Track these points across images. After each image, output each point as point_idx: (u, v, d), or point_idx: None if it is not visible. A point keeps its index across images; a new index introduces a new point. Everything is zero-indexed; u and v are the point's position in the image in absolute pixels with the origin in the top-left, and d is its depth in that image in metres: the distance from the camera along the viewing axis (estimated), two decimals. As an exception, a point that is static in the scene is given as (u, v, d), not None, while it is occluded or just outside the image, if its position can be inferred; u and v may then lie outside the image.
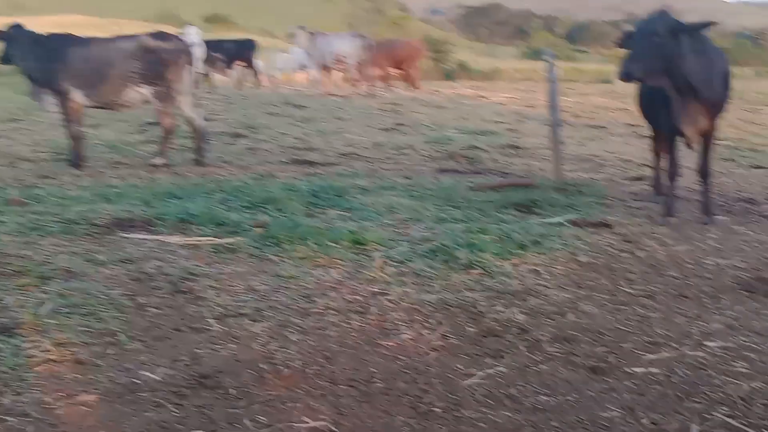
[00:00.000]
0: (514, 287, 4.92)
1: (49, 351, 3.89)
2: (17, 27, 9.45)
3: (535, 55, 76.05)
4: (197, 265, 5.29)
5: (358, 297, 4.75)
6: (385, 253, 5.57)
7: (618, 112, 18.25)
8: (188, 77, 9.57)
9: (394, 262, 5.36)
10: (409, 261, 5.37)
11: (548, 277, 5.18)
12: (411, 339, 4.19)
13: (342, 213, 6.83)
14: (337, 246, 5.68)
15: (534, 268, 5.34)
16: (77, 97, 9.33)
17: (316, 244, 5.69)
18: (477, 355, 4.02)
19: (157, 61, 9.28)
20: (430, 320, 4.42)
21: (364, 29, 53.22)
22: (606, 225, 6.48)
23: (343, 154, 10.75)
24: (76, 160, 9.36)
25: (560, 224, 6.46)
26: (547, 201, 7.31)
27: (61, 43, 9.38)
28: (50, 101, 9.46)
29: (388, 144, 11.60)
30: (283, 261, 5.41)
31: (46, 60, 9.21)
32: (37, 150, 10.97)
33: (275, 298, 4.70)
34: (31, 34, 9.42)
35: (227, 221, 6.31)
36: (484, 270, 5.20)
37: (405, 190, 7.94)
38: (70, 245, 5.73)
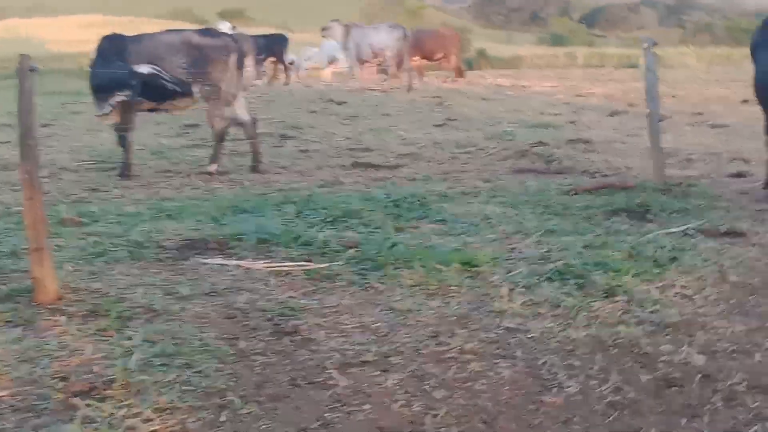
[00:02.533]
0: (673, 318, 4.19)
1: (151, 420, 3.21)
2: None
3: (557, 40, 75.18)
4: (294, 297, 4.60)
5: (493, 335, 4.05)
6: (504, 276, 4.86)
7: (669, 99, 17.42)
8: (239, 77, 8.88)
9: (520, 287, 4.65)
10: (538, 287, 4.65)
11: (703, 304, 4.46)
12: (578, 393, 3.48)
13: (436, 226, 6.12)
14: (447, 269, 4.96)
15: (682, 291, 4.61)
16: (136, 99, 8.66)
17: (422, 267, 4.98)
18: (664, 413, 3.31)
19: (206, 60, 8.57)
20: (591, 366, 3.71)
21: (382, 20, 52.49)
22: (739, 234, 5.74)
23: (404, 155, 10.04)
24: (125, 170, 8.69)
25: (685, 234, 5.72)
26: (657, 205, 6.58)
27: (116, 43, 8.71)
28: (108, 107, 8.76)
29: (448, 142, 10.88)
30: (391, 289, 4.71)
31: (106, 63, 8.52)
32: (77, 158, 10.33)
33: (398, 340, 4.00)
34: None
35: (312, 240, 5.61)
36: (629, 297, 4.48)
37: (492, 196, 7.23)
38: (144, 274, 5.05)
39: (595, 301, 4.42)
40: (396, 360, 3.75)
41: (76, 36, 11.02)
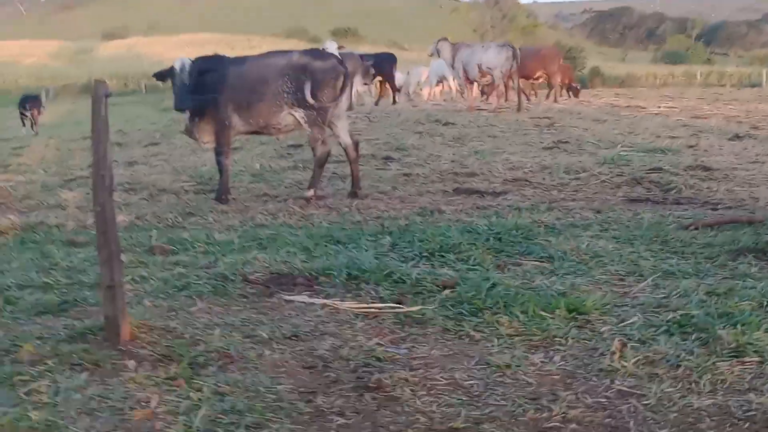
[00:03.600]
0: (817, 389, 3.60)
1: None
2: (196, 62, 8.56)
3: (673, 58, 73.01)
4: (381, 344, 4.20)
5: (602, 400, 3.55)
6: (616, 326, 4.35)
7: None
8: (344, 99, 8.58)
9: (633, 341, 4.13)
10: (654, 342, 4.11)
11: None
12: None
13: (540, 264, 5.63)
14: (551, 316, 4.48)
15: (826, 351, 4.00)
16: (235, 122, 8.47)
17: (523, 313, 4.52)
18: None
19: (311, 82, 8.30)
20: (720, 446, 3.18)
21: (494, 38, 51.94)
22: None
23: (510, 180, 9.55)
24: (222, 194, 8.49)
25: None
26: (790, 245, 5.91)
27: (214, 65, 8.55)
28: (205, 131, 8.59)
29: (557, 166, 10.31)
30: (488, 339, 4.26)
31: (202, 86, 8.34)
32: (179, 179, 10.25)
33: (492, 402, 3.55)
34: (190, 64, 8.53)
35: (405, 278, 5.21)
36: (761, 357, 3.90)
37: (602, 229, 6.69)
38: (225, 313, 4.76)
39: (721, 361, 3.86)
40: (489, 428, 3.31)
41: (191, 53, 11.22)
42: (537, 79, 23.25)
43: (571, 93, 25.67)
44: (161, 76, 8.60)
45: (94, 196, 4.19)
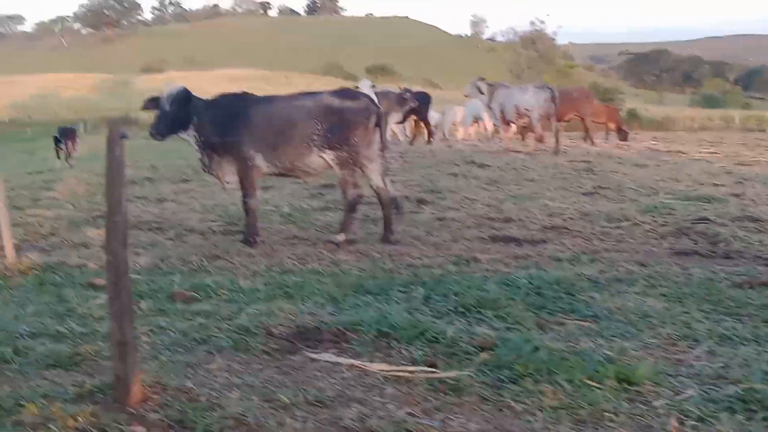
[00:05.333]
0: None
1: None
2: (185, 91, 8.31)
3: (711, 102, 72.32)
4: (412, 414, 3.84)
5: (660, 491, 3.16)
6: (671, 400, 3.95)
7: None
8: (377, 141, 8.27)
9: (692, 419, 3.73)
10: (716, 419, 3.71)
11: None
12: None
13: (584, 324, 5.24)
14: (599, 386, 4.09)
15: None
16: (259, 163, 8.19)
17: (568, 381, 4.13)
18: None
19: (342, 123, 8.02)
20: None
21: (530, 79, 51.62)
22: None
23: (549, 227, 9.16)
24: (250, 236, 8.19)
25: None
26: None
27: (238, 103, 8.30)
28: (226, 171, 8.33)
29: (598, 213, 9.92)
30: (530, 411, 3.88)
31: (223, 124, 8.12)
32: (207, 218, 9.99)
33: (537, 488, 3.17)
34: (198, 98, 8.32)
35: (439, 337, 4.85)
36: (838, 442, 3.50)
37: (649, 285, 6.27)
38: (245, 372, 4.43)
39: (791, 446, 3.46)
40: None
41: (228, 88, 11.08)
42: (567, 121, 22.79)
43: (619, 136, 25.16)
44: (151, 103, 8.34)
45: (107, 244, 3.90)
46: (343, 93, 8.40)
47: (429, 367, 4.41)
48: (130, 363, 3.87)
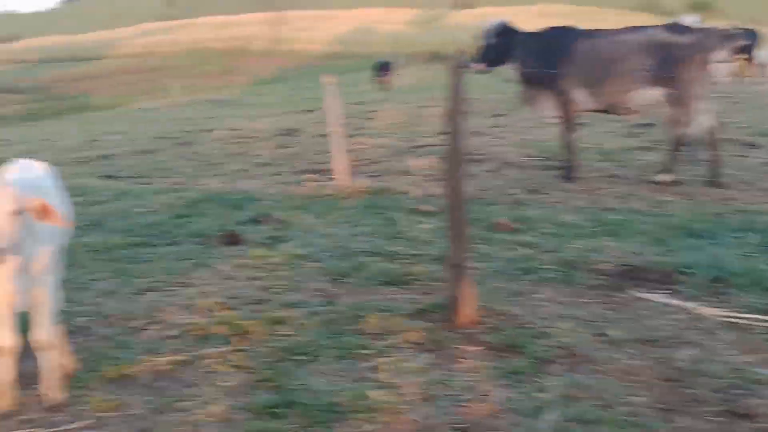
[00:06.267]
0: None
1: None
2: (504, 25, 8.44)
3: None
4: (750, 363, 3.64)
5: None
6: None
7: None
8: (708, 79, 7.79)
9: None
10: None
11: None
12: None
13: None
14: None
15: None
16: (579, 98, 8.07)
17: None
18: None
19: (672, 59, 7.64)
20: None
21: None
22: None
23: None
24: (569, 172, 8.12)
25: None
26: None
27: (563, 37, 8.19)
28: (545, 105, 8.31)
29: None
30: None
31: (546, 57, 8.06)
32: (524, 153, 10.02)
33: None
34: (522, 32, 8.40)
35: (782, 287, 4.55)
36: None
37: None
38: (571, 304, 4.43)
39: None
40: None
41: (538, 25, 10.89)
42: None
43: None
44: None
45: (448, 171, 4.03)
46: (674, 27, 7.99)
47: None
48: (464, 285, 4.01)
